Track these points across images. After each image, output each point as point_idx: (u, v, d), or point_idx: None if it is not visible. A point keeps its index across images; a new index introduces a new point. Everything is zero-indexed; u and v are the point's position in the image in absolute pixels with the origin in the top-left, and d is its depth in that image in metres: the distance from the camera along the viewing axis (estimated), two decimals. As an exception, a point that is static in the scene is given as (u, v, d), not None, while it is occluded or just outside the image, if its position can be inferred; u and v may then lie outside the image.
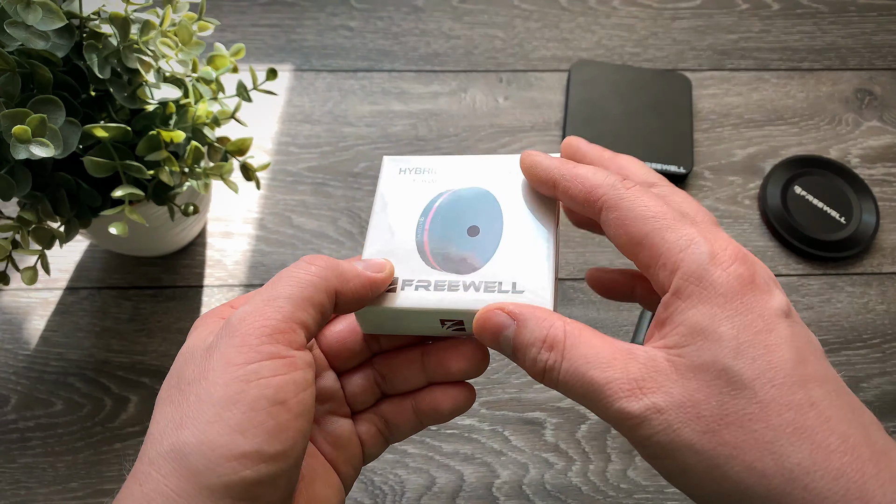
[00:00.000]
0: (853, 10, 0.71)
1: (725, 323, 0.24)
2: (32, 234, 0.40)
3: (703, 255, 0.25)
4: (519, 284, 0.29)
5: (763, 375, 0.23)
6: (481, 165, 0.33)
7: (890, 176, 0.62)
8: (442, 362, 0.32)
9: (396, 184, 0.33)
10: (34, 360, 0.52)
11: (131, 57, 0.39)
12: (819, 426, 0.22)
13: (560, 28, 0.69)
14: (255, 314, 0.25)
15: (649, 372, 0.24)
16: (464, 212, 0.32)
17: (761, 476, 0.22)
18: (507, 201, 0.32)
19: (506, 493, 0.49)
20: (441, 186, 0.33)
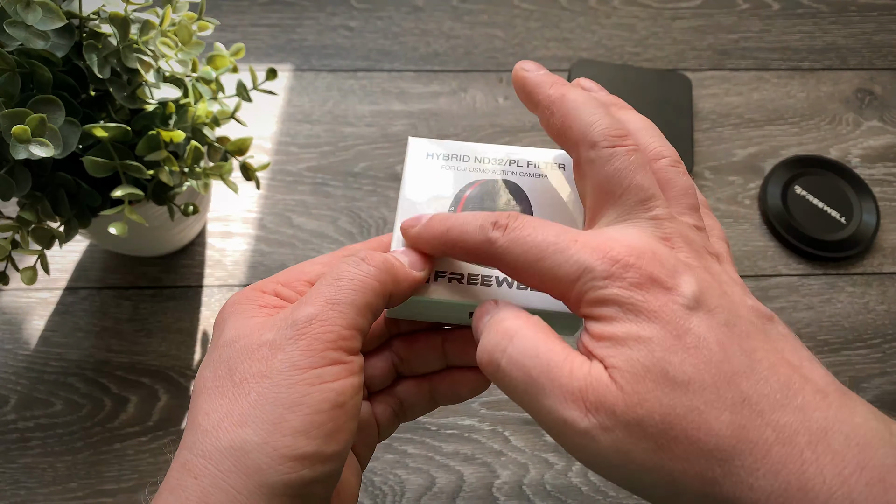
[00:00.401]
0: (853, 10, 0.71)
1: (645, 335, 0.23)
2: (32, 234, 0.40)
3: (597, 279, 0.24)
4: None
5: (693, 381, 0.22)
6: (510, 157, 0.33)
7: (890, 176, 0.62)
8: (465, 349, 0.32)
9: (424, 169, 0.32)
10: (34, 360, 0.52)
11: (131, 57, 0.39)
12: (753, 422, 0.22)
13: (560, 28, 0.69)
14: (322, 319, 0.25)
15: (592, 383, 0.23)
16: (494, 205, 0.31)
17: (713, 483, 0.22)
18: (535, 196, 0.32)
19: (506, 493, 0.48)
20: (470, 176, 0.32)
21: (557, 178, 0.32)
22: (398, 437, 0.50)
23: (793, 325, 0.55)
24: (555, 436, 0.24)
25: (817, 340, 0.54)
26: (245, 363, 0.25)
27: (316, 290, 0.26)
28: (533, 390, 0.24)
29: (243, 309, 0.28)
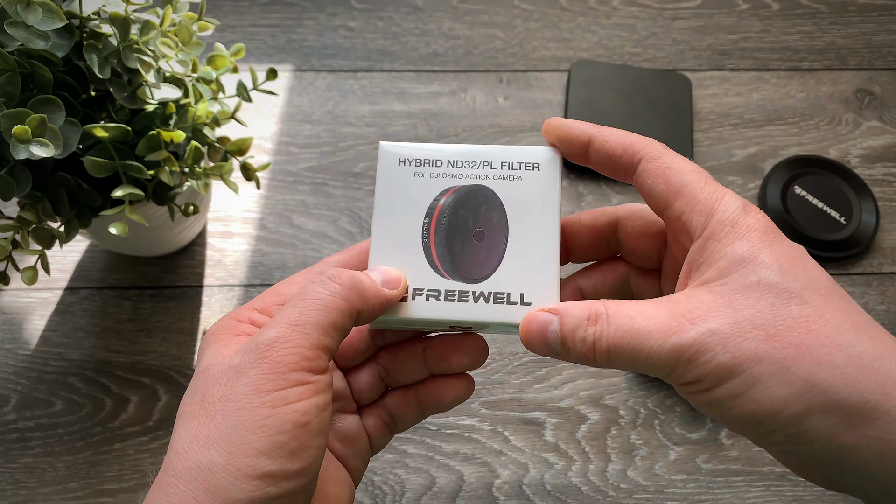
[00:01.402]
0: (853, 11, 0.71)
1: (764, 251, 0.25)
2: (32, 234, 0.40)
3: (736, 204, 0.27)
4: (527, 296, 0.30)
5: (808, 287, 0.25)
6: (482, 157, 0.32)
7: (890, 176, 0.62)
8: (444, 357, 0.33)
9: (396, 178, 0.32)
10: (34, 360, 0.52)
11: (131, 57, 0.39)
12: (868, 325, 0.24)
13: (560, 28, 0.69)
14: (284, 342, 0.26)
15: (695, 305, 0.25)
16: (469, 214, 0.31)
17: (832, 368, 0.23)
18: (510, 202, 0.31)
19: (506, 493, 0.49)
20: (443, 182, 0.31)
21: (533, 180, 0.31)
22: (398, 437, 0.50)
23: (792, 325, 0.55)
24: (672, 376, 0.25)
25: (817, 340, 0.55)
26: (213, 388, 0.26)
27: (281, 313, 0.27)
28: (642, 350, 0.25)
29: (220, 338, 0.29)
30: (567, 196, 0.60)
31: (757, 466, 0.50)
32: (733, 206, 0.27)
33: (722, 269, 0.26)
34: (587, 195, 0.60)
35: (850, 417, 0.23)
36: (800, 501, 0.49)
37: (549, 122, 0.31)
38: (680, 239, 0.29)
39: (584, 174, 0.61)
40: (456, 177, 0.31)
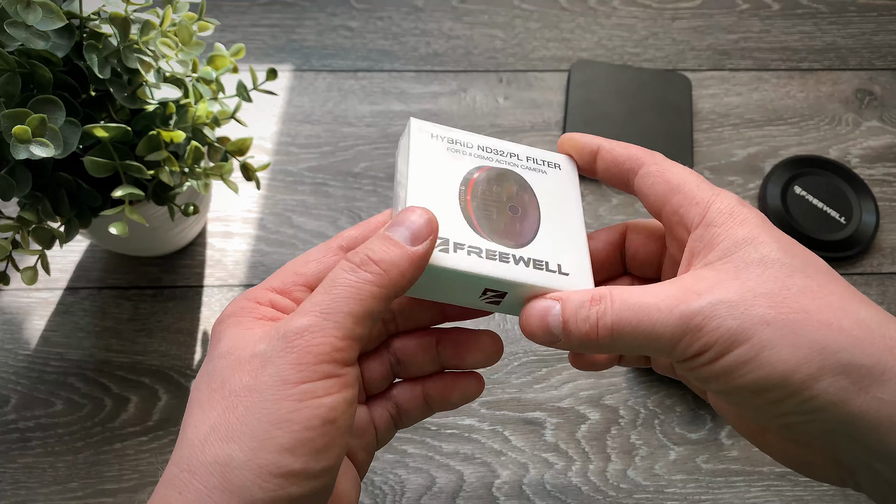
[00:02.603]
0: (853, 11, 0.71)
1: (764, 233, 0.26)
2: (32, 234, 0.40)
3: (732, 198, 0.28)
4: (564, 267, 0.30)
5: (810, 264, 0.26)
6: (510, 150, 0.33)
7: (890, 176, 0.62)
8: (458, 353, 0.32)
9: (429, 148, 0.31)
10: (34, 360, 0.52)
11: (131, 57, 0.39)
12: (868, 300, 0.25)
13: (560, 28, 0.69)
14: (314, 330, 0.24)
15: (700, 281, 0.25)
16: (502, 190, 0.31)
17: (839, 330, 0.23)
18: (540, 191, 0.32)
19: (506, 492, 0.49)
20: (476, 161, 0.32)
21: (556, 176, 0.33)
22: (398, 436, 0.50)
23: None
24: (678, 349, 0.25)
25: (817, 340, 0.55)
26: (235, 375, 0.25)
27: (310, 300, 0.26)
28: (648, 323, 0.26)
29: (239, 321, 0.27)
30: (567, 196, 0.60)
31: (757, 466, 0.50)
32: (730, 199, 0.28)
33: (725, 250, 0.26)
34: (587, 195, 0.60)
35: (862, 379, 0.23)
36: (800, 501, 0.49)
37: (564, 136, 0.34)
38: (677, 234, 0.29)
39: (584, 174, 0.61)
40: (487, 159, 0.32)
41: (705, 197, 0.28)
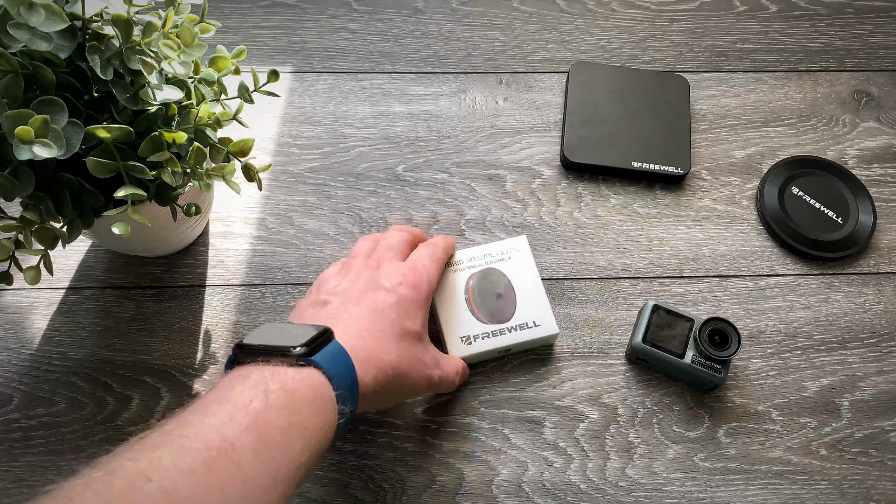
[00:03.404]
0: (850, 12, 0.71)
1: None
2: (35, 234, 0.41)
3: None
4: (537, 321, 0.52)
5: None
6: (485, 252, 0.54)
7: (887, 176, 0.62)
8: None
9: (441, 279, 0.53)
10: (37, 359, 0.52)
11: (134, 58, 0.39)
12: None
13: (559, 30, 0.70)
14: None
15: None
16: (489, 285, 0.53)
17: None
18: (511, 273, 0.53)
19: (505, 490, 0.49)
20: (467, 272, 0.54)
21: (517, 257, 0.54)
22: (399, 435, 0.51)
23: (790, 324, 0.55)
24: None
25: (814, 340, 0.55)
26: None
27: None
28: None
29: None
30: (567, 196, 0.60)
31: (755, 465, 0.50)
32: None
33: None
34: (586, 195, 0.61)
35: None
36: (797, 499, 0.49)
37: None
38: None
39: (584, 175, 0.61)
40: (473, 267, 0.54)
41: None
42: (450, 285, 0.53)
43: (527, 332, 0.51)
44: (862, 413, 0.52)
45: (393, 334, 0.43)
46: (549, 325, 0.51)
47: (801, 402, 0.52)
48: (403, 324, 0.44)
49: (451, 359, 0.49)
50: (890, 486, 0.50)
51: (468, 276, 0.53)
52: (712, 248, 0.59)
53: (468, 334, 0.51)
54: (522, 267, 0.53)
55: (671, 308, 0.52)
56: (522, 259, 0.54)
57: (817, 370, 0.54)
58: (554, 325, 0.51)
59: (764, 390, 0.53)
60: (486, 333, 0.51)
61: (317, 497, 0.48)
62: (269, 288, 0.56)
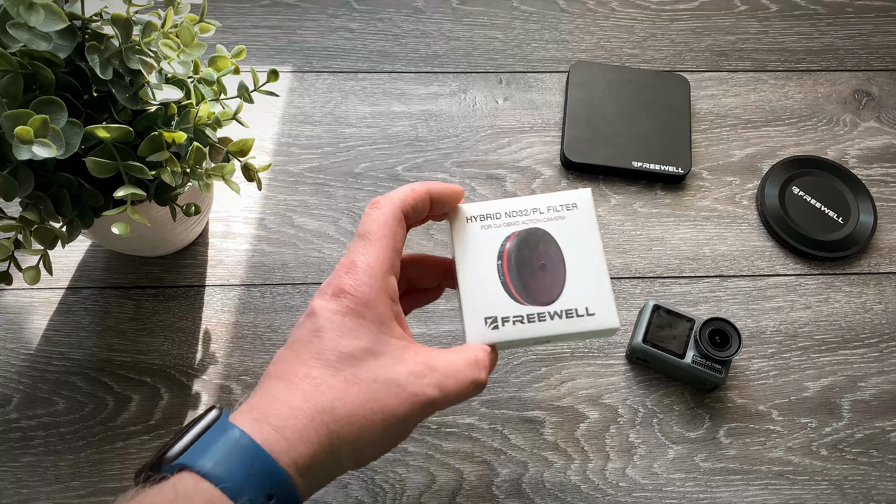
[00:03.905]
0: (851, 12, 0.71)
1: None
2: (35, 234, 0.40)
3: None
4: (591, 309, 0.37)
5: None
6: (531, 205, 0.39)
7: (887, 176, 0.62)
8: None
9: (467, 234, 0.39)
10: (36, 359, 0.52)
11: (133, 58, 0.39)
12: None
13: (559, 29, 0.69)
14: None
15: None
16: (531, 252, 0.38)
17: None
18: (562, 238, 0.38)
19: (505, 491, 0.49)
20: (505, 230, 0.39)
21: (574, 218, 0.39)
22: (398, 435, 0.50)
23: (790, 324, 0.55)
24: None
25: (814, 340, 0.55)
26: None
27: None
28: None
29: None
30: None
31: (755, 465, 0.50)
32: None
33: None
34: (586, 195, 0.60)
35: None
36: (797, 500, 0.49)
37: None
38: None
39: (584, 175, 0.61)
40: (514, 224, 0.39)
41: None
42: (479, 246, 0.38)
43: (575, 322, 0.37)
44: (862, 413, 0.52)
45: (324, 369, 0.31)
46: (607, 316, 0.37)
47: (801, 402, 0.52)
48: (337, 347, 0.32)
49: (455, 355, 0.35)
50: (890, 486, 0.50)
51: (506, 237, 0.39)
52: (713, 247, 0.59)
53: (495, 315, 0.37)
54: (581, 231, 0.39)
55: (671, 308, 0.52)
56: (582, 220, 0.39)
57: (818, 370, 0.54)
58: (614, 316, 0.37)
59: (764, 390, 0.53)
60: (520, 317, 0.37)
61: (317, 497, 0.48)
62: (268, 288, 0.56)
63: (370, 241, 0.34)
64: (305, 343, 0.32)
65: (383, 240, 0.34)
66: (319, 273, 0.56)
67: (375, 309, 0.33)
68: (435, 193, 0.37)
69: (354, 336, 0.32)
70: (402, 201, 0.36)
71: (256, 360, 0.53)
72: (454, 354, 0.35)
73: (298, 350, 0.32)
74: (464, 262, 0.38)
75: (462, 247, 0.38)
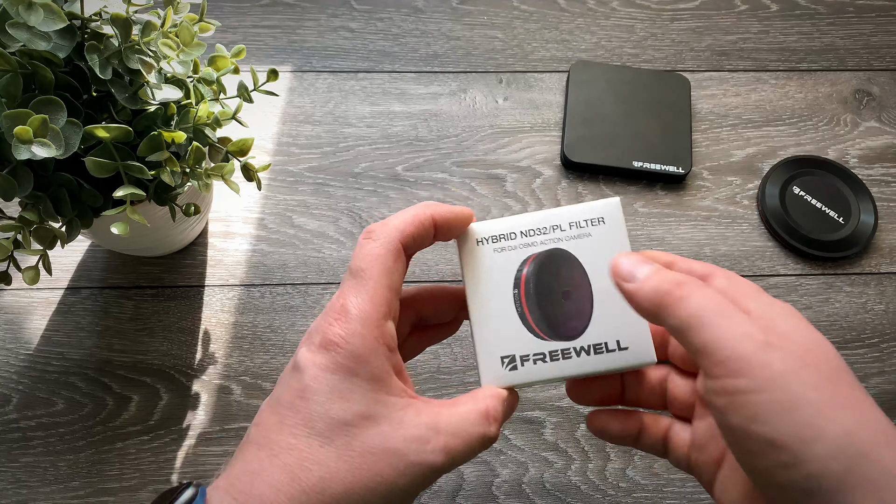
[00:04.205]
0: (851, 12, 0.71)
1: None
2: (34, 234, 0.40)
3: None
4: (623, 341, 0.33)
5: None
6: (551, 221, 0.34)
7: (888, 176, 0.62)
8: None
9: (478, 259, 0.34)
10: (36, 359, 0.52)
11: (133, 58, 0.39)
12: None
13: (559, 29, 0.69)
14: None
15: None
16: (552, 278, 0.33)
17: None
18: (587, 259, 0.33)
19: (505, 491, 0.49)
20: (522, 253, 0.34)
21: (601, 234, 0.34)
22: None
23: (791, 324, 0.55)
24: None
25: (815, 340, 0.55)
26: None
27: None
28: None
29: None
30: (567, 196, 0.60)
31: (755, 465, 0.50)
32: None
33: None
34: (586, 195, 0.60)
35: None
36: (798, 500, 0.49)
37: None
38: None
39: (584, 174, 0.61)
40: (532, 245, 0.34)
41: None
42: (492, 272, 0.33)
43: (605, 359, 0.33)
44: (863, 413, 0.52)
45: (312, 439, 0.27)
46: (642, 349, 0.33)
47: (802, 402, 0.52)
48: (327, 412, 0.28)
49: (464, 406, 0.30)
50: (891, 486, 0.50)
51: (522, 261, 0.34)
52: (713, 248, 0.59)
53: (513, 353, 0.33)
54: (609, 250, 0.33)
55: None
56: (610, 236, 0.34)
57: (818, 370, 0.53)
58: (650, 350, 0.33)
59: (765, 391, 0.53)
60: (541, 355, 0.32)
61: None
62: (268, 288, 0.56)
63: (363, 281, 0.30)
64: (290, 406, 0.28)
65: (379, 279, 0.30)
66: (319, 273, 0.56)
67: (370, 364, 0.28)
68: (440, 220, 0.32)
69: (346, 399, 0.28)
70: (402, 232, 0.31)
71: (256, 360, 0.53)
72: (462, 406, 0.30)
73: (282, 414, 0.28)
74: (476, 292, 0.33)
75: (473, 274, 0.34)
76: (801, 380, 0.24)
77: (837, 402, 0.24)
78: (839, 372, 0.26)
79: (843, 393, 0.25)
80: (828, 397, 0.24)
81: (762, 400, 0.24)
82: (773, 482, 0.25)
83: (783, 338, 0.25)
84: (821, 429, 0.23)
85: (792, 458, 0.24)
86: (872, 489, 0.23)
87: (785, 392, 0.24)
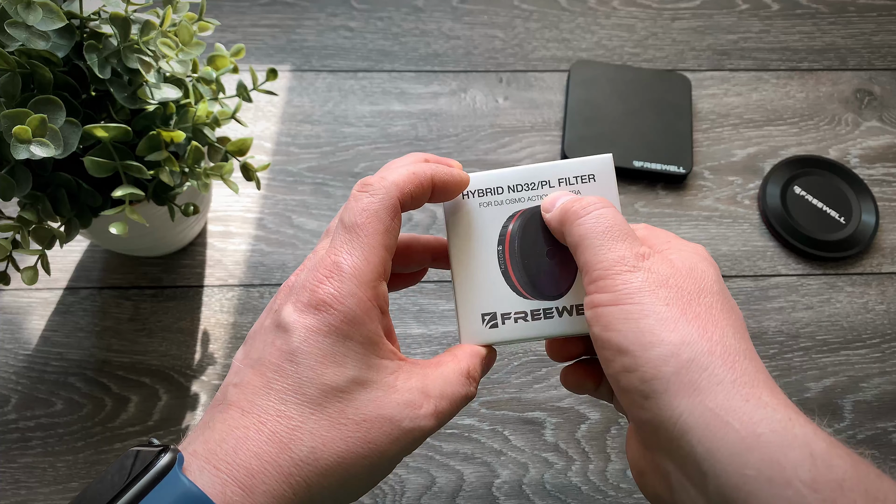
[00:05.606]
0: (853, 11, 0.71)
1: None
2: (33, 234, 0.40)
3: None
4: None
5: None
6: (540, 177, 0.33)
7: (889, 176, 0.62)
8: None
9: (463, 213, 0.33)
10: (34, 359, 0.52)
11: (132, 57, 0.39)
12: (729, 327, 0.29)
13: (560, 28, 0.69)
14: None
15: None
16: (538, 235, 0.33)
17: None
18: None
19: (506, 492, 0.49)
20: (508, 209, 0.33)
21: (590, 191, 0.33)
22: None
23: (792, 324, 0.55)
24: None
25: (816, 340, 0.55)
26: None
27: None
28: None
29: None
30: (567, 196, 0.60)
31: (756, 466, 0.50)
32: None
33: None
34: (587, 195, 0.60)
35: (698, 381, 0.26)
36: (799, 501, 0.49)
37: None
38: None
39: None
40: (518, 201, 0.33)
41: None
42: (477, 227, 0.33)
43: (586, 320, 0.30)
44: (864, 414, 0.52)
45: (303, 406, 0.26)
46: None
47: (803, 402, 0.52)
48: (319, 378, 0.26)
49: (447, 367, 0.30)
50: (892, 487, 0.49)
51: (508, 217, 0.33)
52: (714, 247, 0.58)
53: (494, 311, 0.32)
54: None
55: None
56: (598, 192, 0.33)
57: (820, 371, 0.53)
58: None
59: (766, 391, 0.53)
60: (523, 314, 0.32)
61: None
62: (267, 288, 0.55)
63: (358, 238, 0.28)
64: (277, 368, 0.26)
65: (375, 237, 0.28)
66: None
67: (364, 327, 0.27)
68: (439, 182, 0.31)
69: (339, 363, 0.26)
70: (401, 189, 0.29)
71: (256, 360, 0.52)
72: (445, 367, 0.30)
73: (268, 377, 0.26)
74: (459, 246, 0.33)
75: (457, 229, 0.33)
76: (655, 296, 0.27)
77: (685, 317, 0.26)
78: (704, 294, 0.27)
79: (696, 311, 0.27)
80: (676, 312, 0.26)
81: (616, 311, 0.27)
82: (619, 387, 0.27)
83: (662, 263, 0.28)
84: (659, 336, 0.25)
85: (632, 362, 0.26)
86: (695, 393, 0.24)
87: (637, 305, 0.26)
